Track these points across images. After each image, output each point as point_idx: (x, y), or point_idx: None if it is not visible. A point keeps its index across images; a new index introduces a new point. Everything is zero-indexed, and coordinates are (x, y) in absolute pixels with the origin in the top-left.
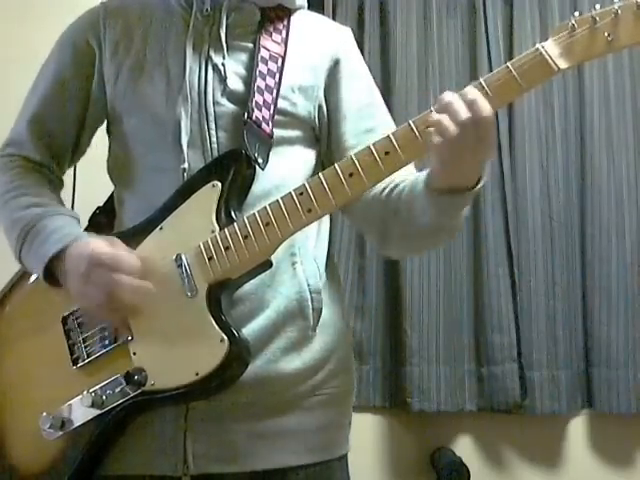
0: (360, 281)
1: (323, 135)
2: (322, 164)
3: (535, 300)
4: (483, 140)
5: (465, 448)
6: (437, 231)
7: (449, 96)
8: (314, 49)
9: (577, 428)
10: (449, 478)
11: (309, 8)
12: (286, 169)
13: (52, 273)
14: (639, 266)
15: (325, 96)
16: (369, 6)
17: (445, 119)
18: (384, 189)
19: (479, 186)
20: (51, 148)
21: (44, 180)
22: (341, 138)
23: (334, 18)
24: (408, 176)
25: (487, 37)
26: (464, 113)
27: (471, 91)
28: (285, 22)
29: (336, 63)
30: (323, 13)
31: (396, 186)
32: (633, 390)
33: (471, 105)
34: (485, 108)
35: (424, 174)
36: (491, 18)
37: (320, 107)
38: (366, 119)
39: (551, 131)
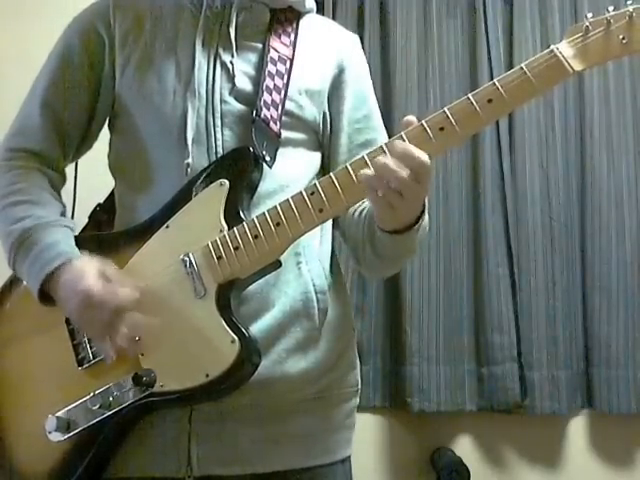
0: (360, 281)
1: (325, 141)
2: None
3: (535, 300)
4: (420, 185)
5: (465, 448)
6: (398, 258)
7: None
8: (321, 54)
9: (577, 428)
10: (449, 478)
11: None
12: (291, 170)
13: (47, 292)
14: (639, 266)
15: (328, 103)
16: (369, 6)
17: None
18: (357, 210)
19: (423, 218)
20: (59, 135)
21: (45, 182)
22: (337, 149)
23: (334, 18)
24: None
25: (487, 37)
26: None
27: (399, 144)
28: (294, 25)
29: (341, 71)
30: (323, 13)
31: (362, 209)
32: (633, 390)
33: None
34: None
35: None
36: (491, 18)
37: (324, 114)
38: (360, 133)
39: (551, 131)
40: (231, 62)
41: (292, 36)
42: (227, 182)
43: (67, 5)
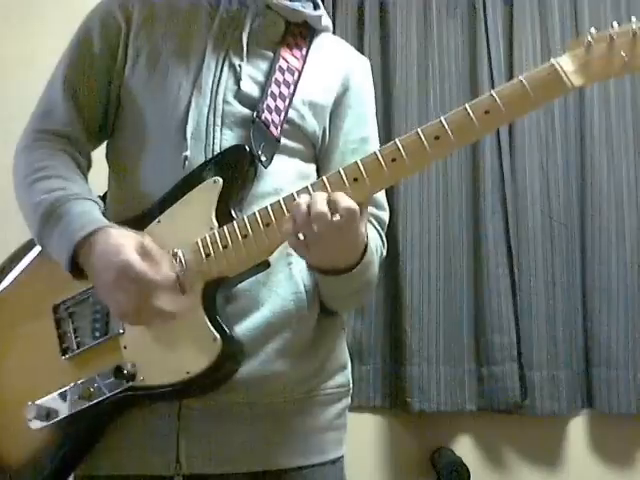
0: None
1: (320, 155)
2: None
3: (535, 300)
4: (322, 235)
5: (465, 448)
6: (337, 299)
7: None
8: (330, 71)
9: (577, 428)
10: (449, 478)
11: None
12: (286, 175)
13: (76, 259)
14: (639, 266)
15: (330, 119)
16: (369, 6)
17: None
18: None
19: (358, 267)
20: (83, 117)
21: (73, 162)
22: (329, 165)
23: (334, 18)
24: None
25: (487, 37)
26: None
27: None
28: (307, 41)
29: (346, 90)
30: None
31: None
32: (633, 390)
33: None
34: (319, 209)
35: None
36: (491, 18)
37: (324, 129)
38: (354, 154)
39: (551, 131)
40: (239, 65)
41: (304, 50)
42: (221, 180)
43: (71, 8)
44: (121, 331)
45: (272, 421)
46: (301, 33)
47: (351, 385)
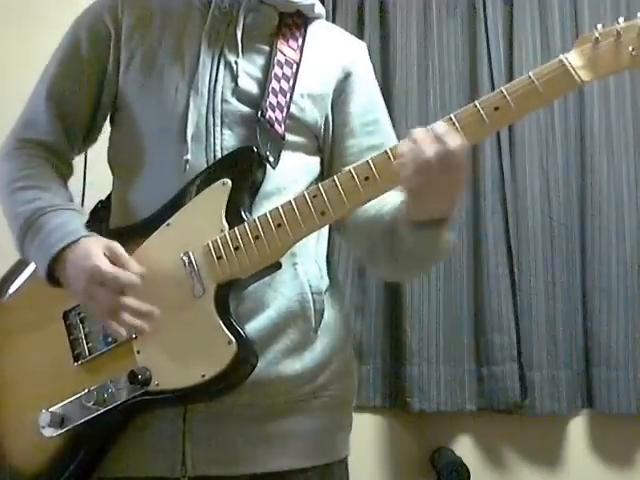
0: (360, 281)
1: (326, 145)
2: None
3: (535, 300)
4: (450, 173)
5: (465, 448)
6: (418, 259)
7: (419, 132)
8: (327, 59)
9: (577, 428)
10: (449, 478)
11: None
12: (289, 172)
13: (54, 273)
14: (639, 266)
15: (332, 107)
16: (369, 6)
17: (412, 152)
18: (373, 209)
19: (452, 218)
20: (66, 127)
21: (53, 170)
22: (344, 152)
23: (334, 18)
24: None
25: (487, 37)
26: (430, 148)
27: (440, 125)
28: (302, 30)
29: (347, 76)
30: None
31: (384, 206)
32: (633, 390)
33: (438, 139)
34: (452, 142)
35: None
36: (491, 18)
37: (327, 117)
38: (371, 136)
39: (551, 131)
40: (235, 62)
41: (300, 41)
42: (230, 181)
43: (71, 8)
44: (134, 336)
45: (277, 422)
46: (295, 22)
47: (356, 386)
